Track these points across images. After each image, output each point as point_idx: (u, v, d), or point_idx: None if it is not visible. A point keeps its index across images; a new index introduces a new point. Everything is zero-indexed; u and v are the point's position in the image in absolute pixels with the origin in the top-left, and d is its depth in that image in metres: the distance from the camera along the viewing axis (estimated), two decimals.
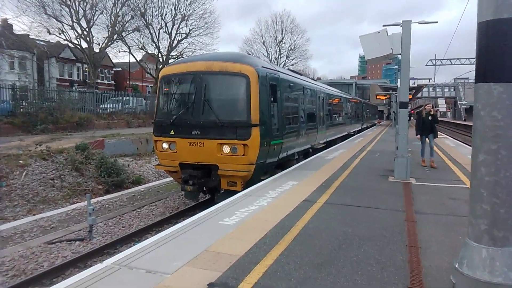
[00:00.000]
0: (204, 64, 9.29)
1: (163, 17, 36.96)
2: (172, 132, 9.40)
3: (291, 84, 11.61)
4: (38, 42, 36.70)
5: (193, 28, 38.90)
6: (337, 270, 4.03)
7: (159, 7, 36.53)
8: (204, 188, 10.24)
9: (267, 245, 4.70)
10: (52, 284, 4.44)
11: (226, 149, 8.77)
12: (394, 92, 35.35)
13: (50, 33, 31.01)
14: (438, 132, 14.25)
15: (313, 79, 26.64)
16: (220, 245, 4.71)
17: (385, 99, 53.15)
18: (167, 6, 37.13)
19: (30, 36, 33.03)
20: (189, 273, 3.91)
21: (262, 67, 9.46)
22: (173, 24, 37.67)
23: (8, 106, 19.76)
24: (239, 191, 7.99)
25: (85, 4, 31.63)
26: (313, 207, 6.55)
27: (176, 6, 37.25)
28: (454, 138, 26.39)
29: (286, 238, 4.97)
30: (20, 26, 63.27)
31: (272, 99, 9.60)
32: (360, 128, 32.01)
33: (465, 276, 2.68)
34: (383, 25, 11.38)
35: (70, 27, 31.46)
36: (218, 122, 8.76)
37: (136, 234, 8.64)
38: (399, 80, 14.04)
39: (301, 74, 16.15)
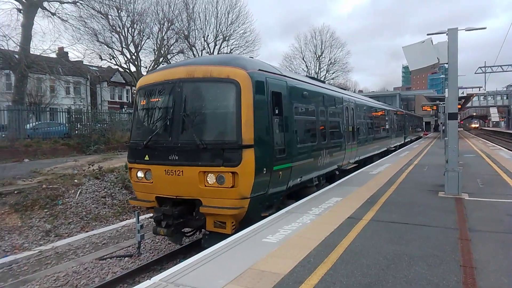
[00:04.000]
0: (185, 70, 7.44)
1: (206, 39, 38.30)
2: (146, 158, 7.52)
3: (305, 93, 9.42)
4: (91, 67, 39.39)
5: (234, 47, 39.90)
6: None
7: (201, 29, 37.98)
8: (188, 230, 8.31)
9: (312, 264, 4.62)
10: None
11: (210, 178, 6.80)
12: (441, 103, 33.92)
13: (102, 59, 33.15)
14: (491, 143, 13.43)
15: (354, 92, 25.57)
16: (263, 263, 4.69)
17: (431, 110, 51.11)
18: (209, 27, 38.50)
19: (84, 63, 35.54)
20: None
21: (260, 70, 7.46)
22: (215, 45, 38.86)
23: (64, 128, 21.24)
24: (229, 235, 6.36)
25: (133, 30, 33.58)
26: (358, 224, 6.37)
27: (218, 27, 38.53)
28: (509, 150, 24.69)
29: (331, 256, 4.86)
30: (75, 53, 68.34)
31: (276, 111, 7.69)
32: (402, 142, 29.78)
33: None
34: (427, 34, 11.07)
35: (120, 53, 33.48)
36: (200, 143, 6.81)
37: (181, 250, 8.82)
38: (446, 90, 13.51)
39: (323, 82, 13.96)
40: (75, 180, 13.09)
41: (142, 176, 7.70)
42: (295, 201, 8.52)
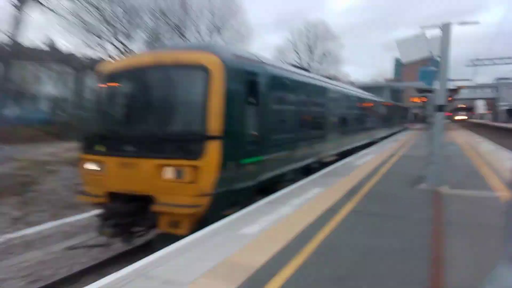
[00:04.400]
0: (153, 56, 7.02)
1: (199, 31, 37.87)
2: (101, 148, 6.89)
3: (285, 81, 8.98)
4: (80, 58, 38.56)
5: (227, 39, 39.52)
6: (356, 284, 3.88)
7: (194, 20, 37.50)
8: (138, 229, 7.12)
9: (287, 256, 4.61)
10: None
11: (168, 172, 6.14)
12: (430, 94, 34.06)
13: (92, 49, 32.43)
14: (476, 135, 13.56)
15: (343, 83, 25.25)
16: (239, 256, 4.67)
17: (420, 101, 51.47)
18: (203, 19, 38.05)
19: (74, 53, 34.73)
20: (205, 284, 3.90)
21: (234, 55, 7.08)
22: (210, 37, 38.45)
23: (45, 116, 20.88)
24: (184, 236, 5.60)
25: (124, 21, 32.92)
26: (336, 216, 6.39)
27: (212, 19, 38.16)
28: (494, 142, 25.05)
29: (306, 249, 4.86)
30: (65, 43, 66.57)
31: (253, 100, 7.27)
32: (389, 133, 29.76)
33: None
34: (420, 27, 11.05)
35: (111, 44, 32.81)
36: (159, 133, 6.33)
37: (157, 241, 8.61)
38: (436, 82, 13.54)
39: (307, 71, 13.21)
40: (50, 167, 12.87)
41: (94, 168, 6.95)
42: (264, 196, 7.86)
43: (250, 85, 7.22)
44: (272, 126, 8.14)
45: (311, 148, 10.70)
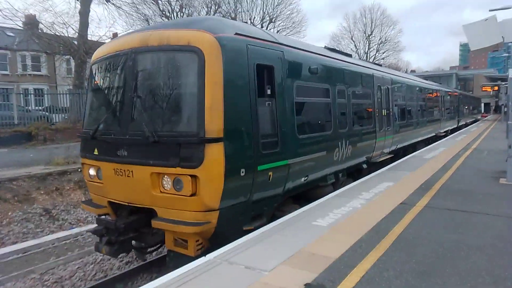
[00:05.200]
0: (139, 37, 5.74)
1: (252, 21, 38.20)
2: (96, 152, 6.00)
3: (313, 67, 7.19)
4: None
5: (280, 28, 39.52)
6: (442, 280, 3.76)
7: (248, 11, 37.92)
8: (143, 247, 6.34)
9: (363, 249, 4.59)
10: None
11: (166, 183, 5.17)
12: (503, 83, 31.50)
13: None
14: None
15: (406, 72, 23.68)
16: (314, 246, 4.72)
17: (492, 90, 47.61)
18: (256, 9, 38.33)
19: None
20: (286, 272, 4.01)
21: (238, 35, 5.57)
22: (261, 26, 38.69)
23: None
24: (193, 258, 4.87)
25: (182, 14, 34.23)
26: (411, 210, 6.19)
27: (264, 9, 38.25)
28: None
29: (383, 243, 4.79)
30: None
31: (266, 91, 5.93)
32: (455, 126, 27.20)
33: None
34: (490, 10, 10.24)
35: None
36: (150, 135, 5.10)
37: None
38: (510, 70, 12.49)
39: (348, 55, 11.07)
40: None
41: (94, 174, 6.16)
42: (300, 206, 6.82)
43: (264, 71, 5.91)
44: (299, 123, 6.69)
45: (356, 147, 9.01)
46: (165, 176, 5.17)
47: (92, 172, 6.20)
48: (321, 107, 7.93)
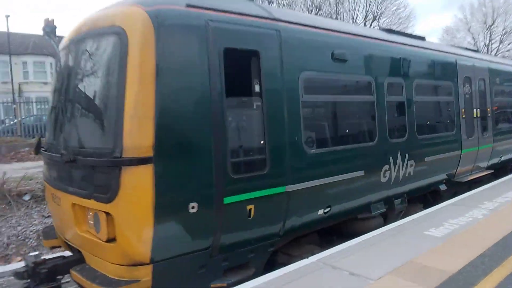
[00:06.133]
0: (81, 23, 4.56)
1: (354, 20, 37.10)
2: (45, 170, 5.12)
3: (337, 51, 5.25)
4: None
5: (385, 25, 37.53)
6: None
7: (349, 10, 36.94)
8: None
9: (486, 265, 4.09)
10: None
11: (90, 218, 3.92)
12: None
13: None
14: None
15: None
16: (426, 258, 4.38)
17: None
18: (358, 8, 37.12)
19: None
20: (393, 283, 3.80)
21: (190, 6, 3.96)
22: (365, 25, 37.30)
23: None
24: None
25: None
26: None
27: (367, 7, 36.84)
28: None
29: (511, 259, 4.20)
30: None
31: (248, 88, 4.48)
32: None
33: None
34: None
35: None
36: (66, 153, 4.02)
37: None
38: None
39: (420, 38, 8.15)
40: None
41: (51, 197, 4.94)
42: (331, 245, 5.08)
43: (240, 60, 4.37)
44: (311, 132, 4.98)
45: (424, 162, 6.77)
46: (88, 209, 3.91)
47: (49, 195, 4.99)
48: (354, 108, 6.02)
